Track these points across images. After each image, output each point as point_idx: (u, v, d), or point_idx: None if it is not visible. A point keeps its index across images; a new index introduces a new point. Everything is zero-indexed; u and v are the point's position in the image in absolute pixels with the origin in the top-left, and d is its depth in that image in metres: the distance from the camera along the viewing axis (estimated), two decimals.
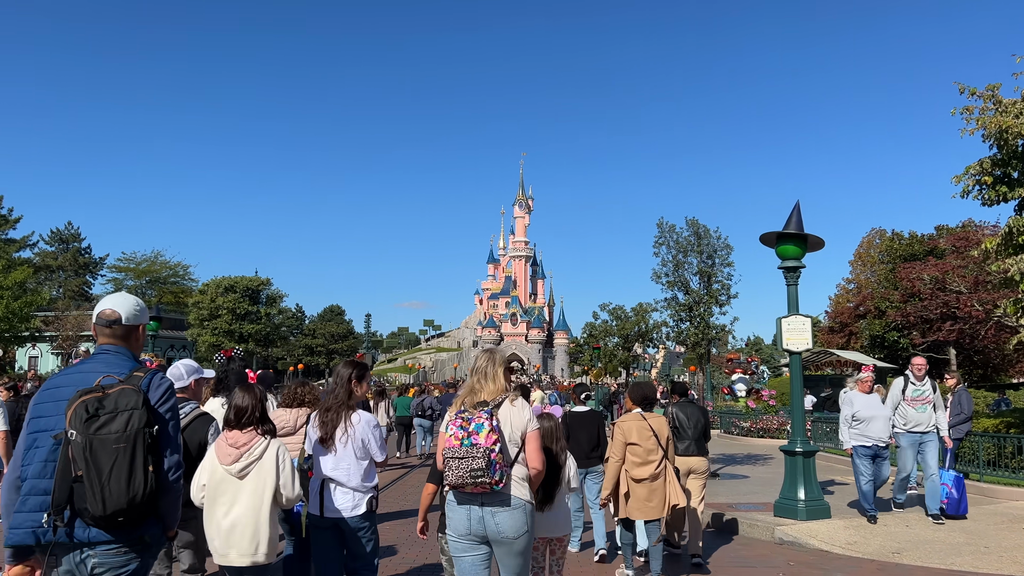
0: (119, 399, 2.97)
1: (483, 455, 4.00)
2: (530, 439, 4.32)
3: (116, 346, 3.32)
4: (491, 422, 4.11)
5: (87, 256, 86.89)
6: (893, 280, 40.42)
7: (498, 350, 4.92)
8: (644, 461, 6.69)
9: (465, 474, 4.01)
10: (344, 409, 4.92)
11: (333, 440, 4.84)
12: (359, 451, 4.87)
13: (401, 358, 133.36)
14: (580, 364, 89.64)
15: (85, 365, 3.27)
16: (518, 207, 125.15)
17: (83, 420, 2.91)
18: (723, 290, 15.00)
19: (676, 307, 15.19)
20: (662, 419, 7.03)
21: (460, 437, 4.08)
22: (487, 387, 4.36)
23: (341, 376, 5.04)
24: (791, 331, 10.10)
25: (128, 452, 2.91)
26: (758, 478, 14.81)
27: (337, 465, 4.83)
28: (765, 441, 24.43)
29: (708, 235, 15.13)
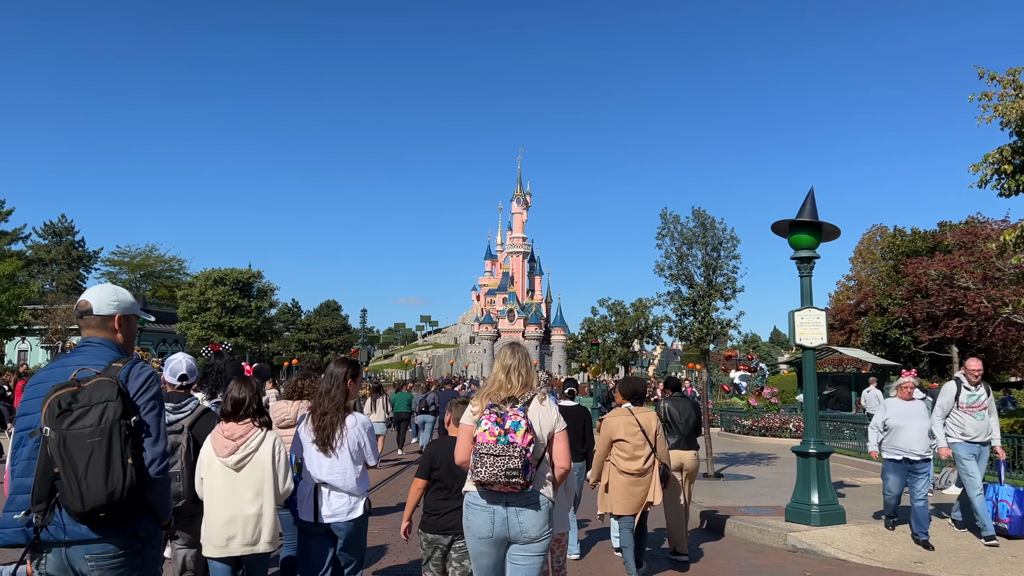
0: (93, 392, 2.88)
1: (519, 455, 3.91)
2: (558, 439, 4.24)
3: (100, 338, 3.24)
4: (527, 420, 4.03)
5: (80, 249, 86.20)
6: (895, 277, 39.83)
7: (524, 346, 4.70)
8: (632, 456, 6.67)
9: (500, 472, 3.91)
10: (342, 412, 4.76)
11: (330, 444, 4.69)
12: (355, 455, 4.74)
13: (398, 354, 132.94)
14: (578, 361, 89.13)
15: (68, 359, 3.19)
16: (516, 203, 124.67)
17: (55, 416, 2.83)
18: (728, 284, 14.41)
19: (679, 301, 14.58)
20: (651, 414, 6.96)
21: (496, 434, 3.96)
22: (518, 383, 4.26)
23: (336, 376, 4.82)
24: (805, 325, 9.53)
25: (104, 446, 2.81)
26: (764, 479, 14.26)
27: (333, 469, 4.69)
28: (767, 440, 23.93)
29: (714, 226, 14.53)
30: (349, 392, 4.83)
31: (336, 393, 4.78)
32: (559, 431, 4.26)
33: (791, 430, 24.12)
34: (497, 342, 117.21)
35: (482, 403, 4.22)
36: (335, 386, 4.79)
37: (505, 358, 4.38)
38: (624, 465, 6.69)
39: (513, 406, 4.11)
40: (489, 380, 4.45)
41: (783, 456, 18.70)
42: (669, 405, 8.58)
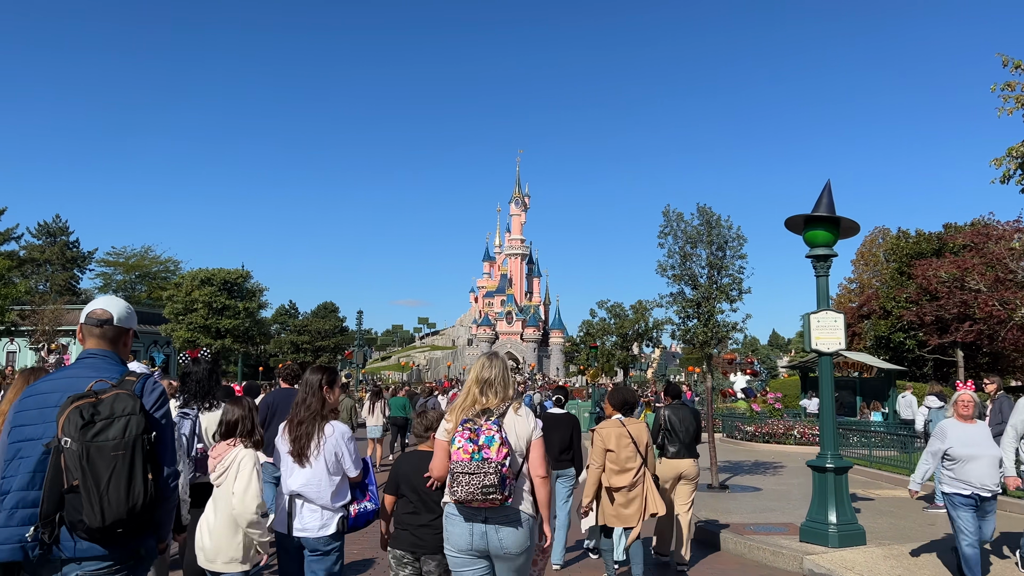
0: (115, 404, 2.83)
1: (495, 470, 3.85)
2: (535, 447, 4.16)
3: (104, 350, 3.17)
4: (501, 434, 3.94)
5: (75, 250, 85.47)
6: (900, 280, 39.13)
7: (501, 355, 4.55)
8: (622, 469, 6.57)
9: (476, 490, 3.85)
10: (318, 420, 4.59)
11: (306, 454, 4.53)
12: (332, 466, 4.55)
13: (395, 356, 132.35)
14: (576, 364, 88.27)
15: (71, 370, 3.11)
16: (514, 204, 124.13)
17: (79, 427, 2.74)
18: (734, 285, 13.68)
19: (683, 303, 13.84)
20: (642, 425, 6.82)
21: (470, 451, 3.89)
22: (494, 396, 4.16)
23: (310, 384, 4.69)
24: (821, 328, 8.80)
25: (127, 459, 2.77)
26: (771, 491, 13.52)
27: (308, 481, 4.53)
28: (771, 447, 23.19)
29: (719, 224, 13.81)
30: (326, 400, 4.67)
31: (312, 401, 4.62)
32: (536, 439, 4.16)
33: (796, 437, 23.39)
34: (495, 344, 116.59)
35: (456, 417, 4.11)
36: (310, 394, 4.65)
37: (481, 370, 4.24)
38: (614, 480, 6.59)
39: (488, 419, 4.01)
40: (462, 393, 4.29)
41: (789, 465, 17.97)
42: (669, 413, 8.40)
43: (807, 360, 31.29)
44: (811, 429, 23.58)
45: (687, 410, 8.60)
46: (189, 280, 42.27)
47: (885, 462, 15.83)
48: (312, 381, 4.69)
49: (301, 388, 4.73)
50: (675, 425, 8.28)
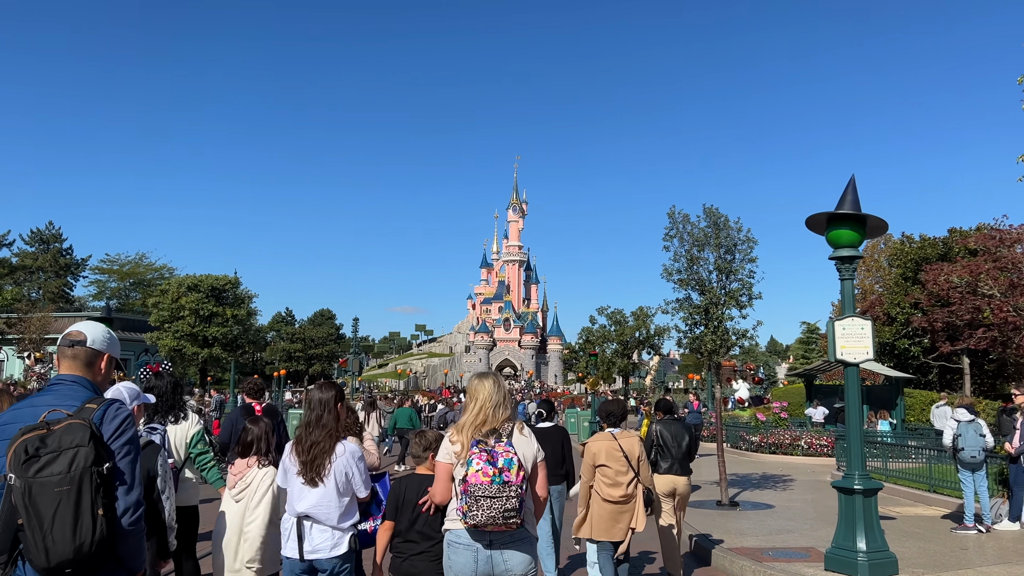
0: (63, 436, 2.64)
1: (516, 494, 3.76)
2: (540, 468, 4.13)
3: (74, 376, 3.03)
4: (518, 456, 3.85)
5: (68, 257, 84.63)
6: (904, 285, 38.40)
7: (498, 375, 4.42)
8: (614, 483, 6.51)
9: (498, 515, 3.72)
10: (333, 440, 4.49)
11: (321, 476, 4.43)
12: (342, 486, 4.46)
13: (392, 363, 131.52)
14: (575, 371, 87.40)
15: (38, 398, 2.99)
16: (512, 211, 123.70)
17: (21, 462, 2.59)
18: (744, 290, 12.97)
19: (690, 309, 13.12)
20: (634, 439, 6.77)
21: (491, 474, 3.76)
22: (502, 417, 4.05)
23: (324, 403, 4.56)
24: (847, 337, 8.07)
25: (72, 495, 2.58)
26: (785, 508, 12.75)
27: (318, 502, 4.42)
28: (778, 458, 22.44)
29: (727, 226, 13.10)
30: (340, 418, 4.61)
31: (329, 420, 4.51)
32: (540, 460, 4.13)
33: (803, 447, 22.64)
34: (493, 351, 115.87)
35: (465, 438, 3.95)
36: (327, 412, 4.53)
37: (487, 389, 4.10)
38: (606, 492, 6.53)
39: (499, 441, 3.88)
40: (472, 412, 4.07)
41: (799, 478, 17.22)
42: (661, 428, 8.28)
43: (812, 368, 30.60)
44: (819, 439, 22.86)
45: (679, 425, 8.48)
46: (175, 286, 41.06)
47: (902, 476, 15.05)
48: (327, 400, 4.56)
49: (316, 407, 4.58)
50: (667, 440, 8.14)
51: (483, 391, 4.10)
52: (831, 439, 22.83)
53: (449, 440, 4.04)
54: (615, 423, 6.96)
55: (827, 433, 23.60)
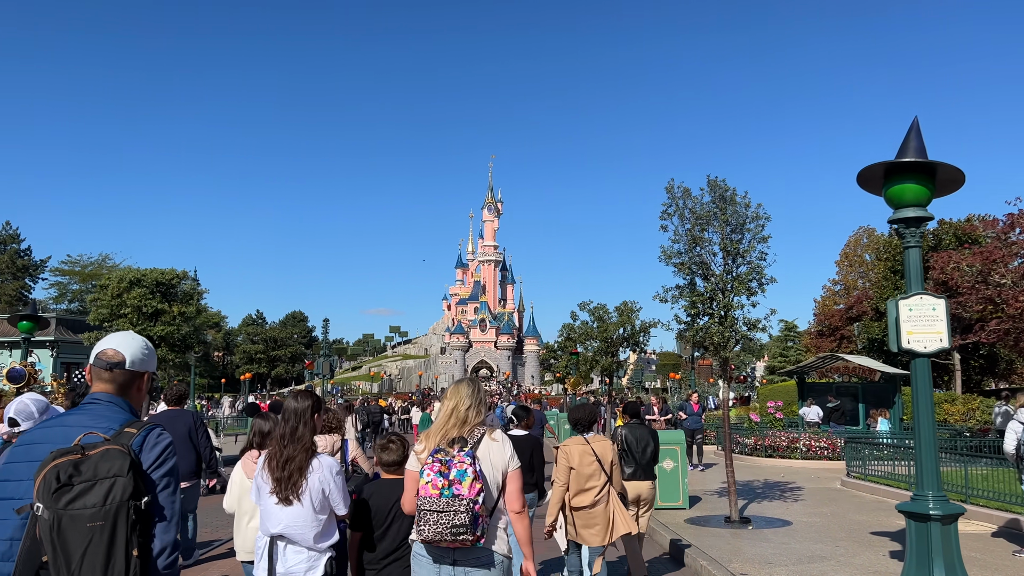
0: (99, 464, 2.37)
1: (466, 509, 3.51)
2: (511, 479, 3.86)
3: (110, 395, 2.74)
4: (474, 467, 3.62)
5: (26, 259, 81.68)
6: (893, 279, 37.17)
7: (476, 380, 4.15)
8: (582, 488, 6.48)
9: (445, 531, 3.51)
10: (309, 455, 4.09)
11: (296, 493, 4.01)
12: (318, 504, 4.06)
13: (366, 365, 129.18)
14: (553, 371, 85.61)
15: (70, 418, 2.69)
16: (487, 210, 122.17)
17: (51, 491, 2.31)
18: (754, 274, 11.28)
19: (693, 296, 11.39)
20: (606, 443, 6.72)
21: (440, 486, 3.55)
22: (472, 419, 3.88)
23: (299, 414, 4.16)
24: (915, 320, 6.34)
25: (106, 532, 2.31)
26: (805, 524, 11.05)
27: (292, 520, 4.02)
28: (775, 462, 20.84)
29: (734, 201, 11.41)
30: (316, 430, 4.25)
31: (304, 433, 4.14)
32: (512, 470, 3.87)
33: (801, 450, 21.05)
34: (468, 352, 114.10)
35: (429, 444, 3.82)
36: (302, 424, 4.15)
37: (462, 392, 3.94)
38: (576, 500, 6.49)
39: (461, 449, 3.68)
40: (442, 416, 3.90)
41: (806, 485, 15.58)
42: (627, 432, 8.13)
43: (804, 365, 29.14)
44: (817, 441, 21.31)
45: (645, 430, 8.33)
46: (116, 282, 38.12)
47: None
48: (302, 411, 4.21)
49: (287, 418, 4.22)
50: (632, 445, 8.05)
51: (456, 395, 3.95)
52: (831, 441, 21.32)
53: (415, 448, 3.90)
54: (584, 429, 6.81)
55: (824, 434, 22.08)
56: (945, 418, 30.36)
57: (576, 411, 7.11)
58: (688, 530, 10.58)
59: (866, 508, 12.57)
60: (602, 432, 21.95)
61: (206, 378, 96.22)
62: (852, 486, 15.29)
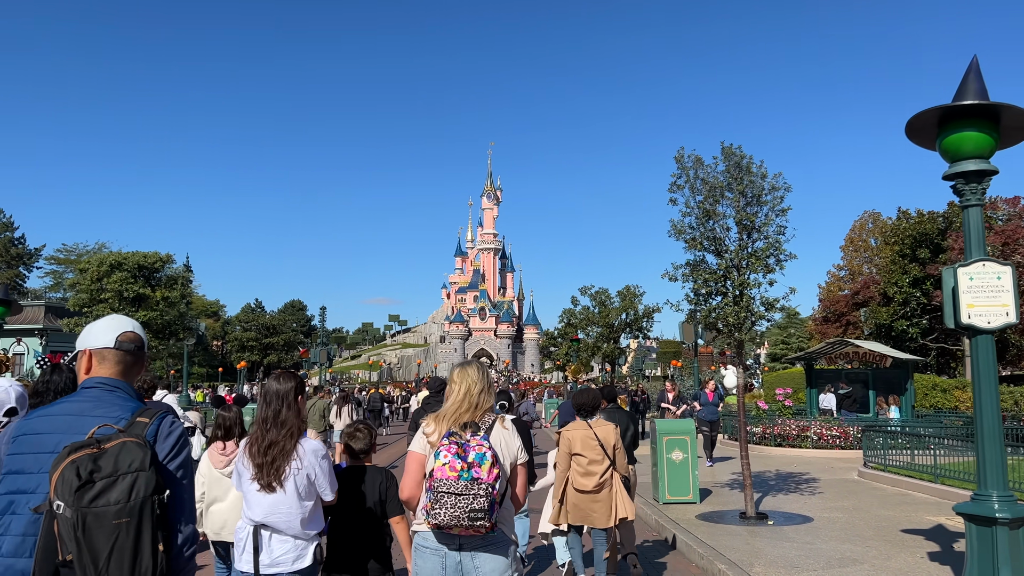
0: (120, 458, 2.29)
1: (486, 493, 3.35)
2: (520, 471, 3.77)
3: (115, 380, 2.63)
4: (493, 452, 3.47)
5: (20, 247, 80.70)
6: (902, 263, 36.24)
7: (481, 363, 3.95)
8: (586, 472, 6.48)
9: (462, 515, 3.32)
10: (294, 439, 3.85)
11: (279, 480, 3.79)
12: (304, 490, 3.85)
13: (365, 354, 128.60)
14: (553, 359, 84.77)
15: (72, 405, 2.55)
16: (486, 198, 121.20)
17: (73, 488, 2.21)
18: (772, 249, 10.38)
19: (705, 275, 10.48)
20: (609, 427, 6.70)
21: (459, 468, 3.37)
22: (485, 404, 3.72)
23: (282, 396, 3.93)
24: (976, 292, 5.43)
25: (132, 529, 2.24)
26: (827, 520, 10.18)
27: (275, 508, 3.81)
28: (785, 451, 19.99)
29: (750, 171, 10.49)
30: (300, 413, 4.01)
31: (288, 416, 3.90)
32: (521, 462, 3.76)
33: (812, 439, 20.18)
34: (468, 341, 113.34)
35: (441, 427, 3.63)
36: (286, 406, 3.91)
37: (472, 376, 3.74)
38: (579, 482, 6.51)
39: (475, 433, 3.53)
40: (455, 400, 3.69)
41: (821, 476, 14.72)
42: (604, 418, 7.63)
43: (813, 350, 28.21)
44: (829, 430, 20.45)
45: (623, 414, 8.27)
46: (96, 265, 36.91)
47: (958, 474, 12.50)
48: (285, 392, 3.95)
49: (269, 401, 3.96)
50: None
51: (467, 378, 3.76)
52: (843, 429, 20.47)
53: (423, 429, 3.69)
54: (588, 414, 6.78)
55: (836, 422, 21.23)
56: (956, 405, 29.58)
57: (579, 396, 7.01)
58: (701, 528, 9.72)
59: (890, 502, 11.70)
60: None
61: (204, 367, 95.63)
62: (871, 477, 14.42)
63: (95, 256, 36.50)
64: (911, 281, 35.45)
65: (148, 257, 37.47)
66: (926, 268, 35.36)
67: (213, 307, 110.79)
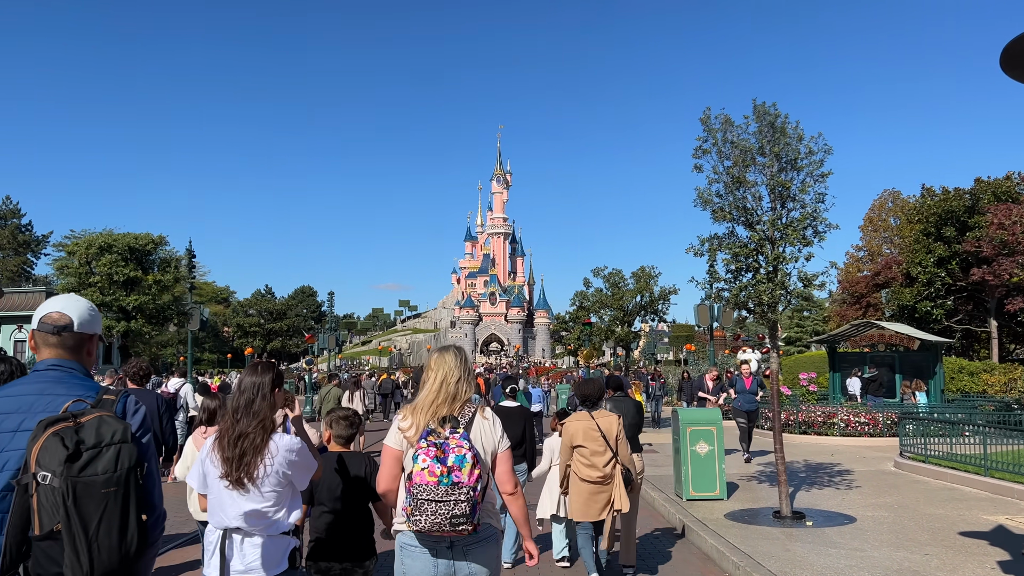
0: (101, 430, 2.32)
1: (467, 497, 3.20)
2: (502, 460, 3.61)
3: (68, 361, 2.63)
4: (473, 452, 3.30)
5: (27, 234, 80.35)
6: (926, 242, 34.96)
7: (461, 349, 3.77)
8: (589, 463, 6.44)
9: (444, 521, 3.20)
10: (266, 432, 3.49)
11: (251, 478, 3.41)
12: (278, 487, 3.47)
13: (376, 340, 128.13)
14: (564, 343, 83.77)
15: (29, 386, 2.55)
16: (496, 182, 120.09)
17: (62, 459, 2.23)
18: (811, 219, 9.33)
19: (735, 249, 9.45)
20: (612, 418, 6.63)
21: (438, 473, 3.20)
22: (463, 394, 3.57)
23: (259, 388, 3.60)
24: None
25: (120, 498, 2.30)
26: (873, 520, 9.18)
27: (249, 508, 3.44)
28: (811, 439, 19.04)
29: (785, 132, 9.43)
30: (276, 406, 3.69)
31: (262, 407, 3.55)
32: (502, 451, 3.61)
33: (840, 426, 19.14)
34: (479, 326, 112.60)
35: (417, 419, 3.46)
36: (260, 397, 3.56)
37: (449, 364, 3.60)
38: (584, 472, 6.46)
39: (454, 430, 3.36)
40: (430, 390, 3.53)
41: (854, 467, 13.72)
42: (611, 406, 7.71)
43: (837, 333, 27.13)
44: (857, 416, 19.39)
45: (630, 402, 8.10)
46: (84, 247, 35.78)
47: (1008, 467, 11.44)
48: (262, 384, 3.62)
49: (244, 390, 3.64)
50: None
51: (444, 366, 3.62)
52: (872, 416, 19.42)
53: (399, 423, 3.52)
54: (592, 405, 6.72)
55: (864, 408, 20.17)
56: (984, 389, 28.43)
57: (584, 386, 6.95)
58: (732, 530, 8.74)
59: (937, 498, 10.67)
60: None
61: (215, 353, 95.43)
62: (909, 469, 13.39)
63: (84, 238, 35.24)
64: (936, 260, 34.20)
65: (140, 239, 36.15)
66: (952, 247, 34.15)
67: (223, 293, 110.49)
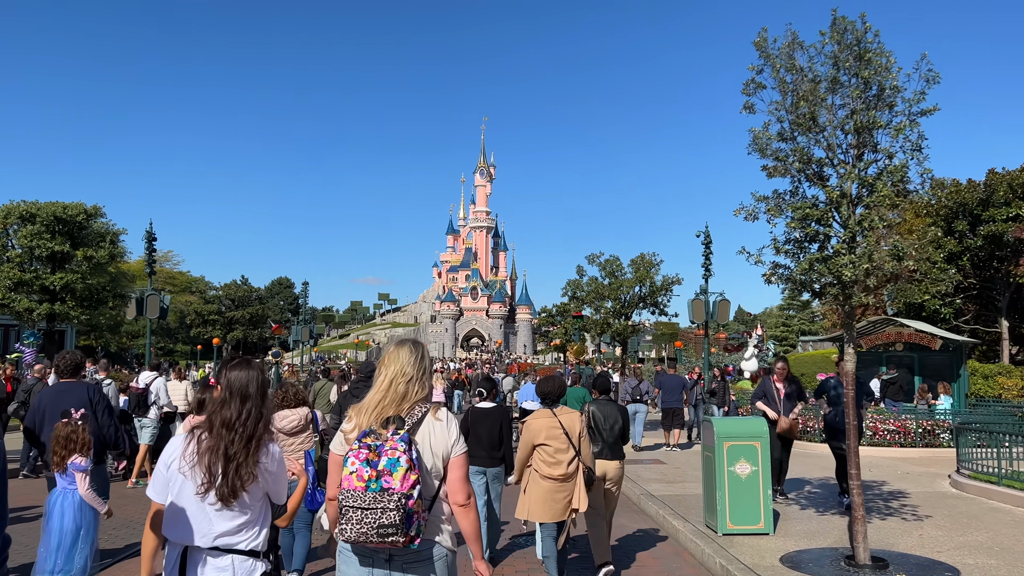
0: None
1: (397, 505, 2.88)
2: (454, 466, 3.22)
3: None
4: (409, 455, 2.97)
5: None
6: (936, 237, 33.03)
7: (420, 344, 3.37)
8: (553, 461, 6.35)
9: (370, 531, 2.90)
10: (257, 446, 3.13)
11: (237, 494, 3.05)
12: (261, 503, 3.20)
13: (354, 333, 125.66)
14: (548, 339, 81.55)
15: None
16: (479, 175, 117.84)
17: None
18: (902, 172, 7.07)
19: (804, 209, 7.14)
20: (574, 415, 6.57)
21: (366, 477, 2.91)
22: (414, 395, 3.23)
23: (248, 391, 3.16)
24: None
25: None
26: (978, 571, 6.90)
27: (226, 527, 3.09)
28: (816, 446, 16.86)
29: (868, 58, 7.15)
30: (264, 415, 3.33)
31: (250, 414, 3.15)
32: (456, 456, 3.23)
33: (867, 435, 16.94)
34: (459, 321, 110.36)
35: (361, 421, 3.18)
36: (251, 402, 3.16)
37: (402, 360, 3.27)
38: (546, 471, 6.35)
39: (395, 432, 3.03)
40: (379, 389, 3.22)
41: (905, 488, 11.56)
42: (595, 409, 7.54)
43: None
44: (884, 423, 17.24)
45: (614, 406, 7.70)
46: (1, 217, 31.92)
47: None
48: (248, 385, 3.18)
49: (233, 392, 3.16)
50: (599, 422, 7.44)
51: (396, 363, 3.27)
52: (900, 423, 17.28)
53: (343, 426, 3.25)
54: (552, 403, 6.58)
55: (891, 414, 18.01)
56: (1000, 393, 26.55)
57: (544, 384, 6.84)
58: None
59: None
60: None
61: (188, 344, 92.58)
62: (977, 491, 11.14)
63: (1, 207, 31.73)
64: (946, 256, 32.30)
65: (69, 208, 32.13)
66: (963, 242, 32.27)
67: (198, 284, 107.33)
